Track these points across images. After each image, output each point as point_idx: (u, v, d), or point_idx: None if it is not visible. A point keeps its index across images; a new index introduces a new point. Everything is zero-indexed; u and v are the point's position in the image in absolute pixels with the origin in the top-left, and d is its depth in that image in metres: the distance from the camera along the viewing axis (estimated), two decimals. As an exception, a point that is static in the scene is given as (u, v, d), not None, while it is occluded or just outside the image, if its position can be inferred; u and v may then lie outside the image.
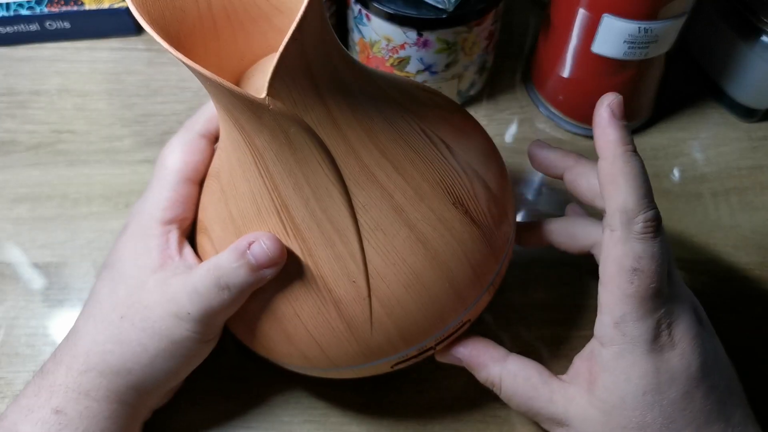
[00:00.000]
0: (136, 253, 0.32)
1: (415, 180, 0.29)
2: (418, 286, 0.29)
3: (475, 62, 0.47)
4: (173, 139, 0.35)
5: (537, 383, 0.31)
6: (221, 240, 0.31)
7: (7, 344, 0.40)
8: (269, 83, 0.24)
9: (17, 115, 0.49)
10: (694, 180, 0.48)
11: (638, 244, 0.29)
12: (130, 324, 0.31)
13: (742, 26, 0.46)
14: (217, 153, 0.32)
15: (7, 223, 0.44)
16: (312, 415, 0.38)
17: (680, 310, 0.30)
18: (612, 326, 0.29)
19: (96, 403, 0.31)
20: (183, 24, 0.27)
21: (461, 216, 0.30)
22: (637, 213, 0.29)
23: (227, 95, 0.25)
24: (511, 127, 0.50)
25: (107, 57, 0.53)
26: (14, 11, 0.51)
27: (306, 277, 0.29)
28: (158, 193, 0.33)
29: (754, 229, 0.45)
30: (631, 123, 0.49)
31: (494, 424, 0.38)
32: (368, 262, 0.28)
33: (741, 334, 0.41)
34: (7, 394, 0.38)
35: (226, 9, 0.29)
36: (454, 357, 0.33)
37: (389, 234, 0.28)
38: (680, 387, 0.29)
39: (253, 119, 0.25)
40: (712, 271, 0.44)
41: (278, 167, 0.27)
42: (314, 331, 0.30)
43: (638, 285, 0.29)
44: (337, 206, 0.28)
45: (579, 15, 0.42)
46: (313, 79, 0.25)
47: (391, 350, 0.31)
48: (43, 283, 0.42)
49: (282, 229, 0.28)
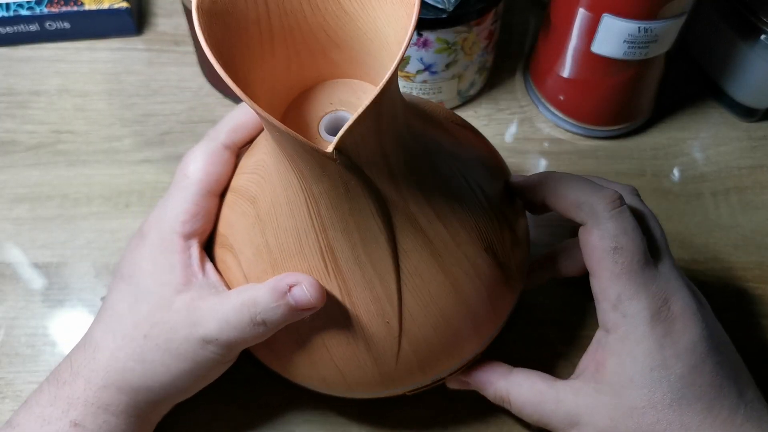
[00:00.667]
0: (156, 267, 0.32)
1: (454, 227, 0.30)
2: (445, 326, 0.30)
3: (475, 62, 0.47)
4: (196, 148, 0.34)
5: (542, 388, 0.32)
6: (252, 265, 0.31)
7: (7, 344, 0.40)
8: (341, 139, 0.23)
9: (17, 115, 0.49)
10: (694, 180, 0.48)
11: (610, 223, 0.30)
12: (154, 344, 0.31)
13: (742, 26, 0.46)
14: (255, 179, 0.30)
15: (7, 223, 0.44)
16: (312, 415, 0.38)
17: (676, 288, 0.30)
18: (611, 310, 0.30)
19: (115, 418, 0.31)
20: (243, 48, 0.27)
21: (490, 261, 0.31)
22: (595, 198, 0.30)
23: (295, 146, 0.25)
24: (511, 126, 0.50)
25: (107, 57, 0.53)
26: (14, 11, 0.51)
27: (341, 315, 0.29)
28: (179, 204, 0.32)
29: (754, 229, 0.45)
30: (631, 123, 0.49)
31: (494, 424, 0.38)
32: (403, 304, 0.29)
33: (741, 333, 0.41)
34: (8, 394, 0.38)
35: (285, 37, 0.29)
36: (463, 382, 0.35)
37: (426, 279, 0.29)
38: (686, 361, 0.29)
39: (317, 169, 0.25)
40: (712, 271, 0.44)
41: (331, 213, 0.27)
42: (339, 362, 0.30)
43: (623, 262, 0.30)
44: (382, 251, 0.28)
45: (579, 15, 0.42)
46: (379, 135, 0.26)
47: (409, 381, 0.32)
48: (43, 283, 0.42)
49: (323, 269, 0.29)
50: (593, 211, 0.30)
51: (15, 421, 0.31)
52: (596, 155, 0.49)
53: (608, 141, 0.49)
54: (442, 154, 0.31)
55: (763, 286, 0.43)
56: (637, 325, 0.30)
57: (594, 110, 0.48)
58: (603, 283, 0.30)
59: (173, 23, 0.55)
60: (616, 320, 0.30)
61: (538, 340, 0.41)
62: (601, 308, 0.31)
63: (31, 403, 0.32)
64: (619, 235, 0.30)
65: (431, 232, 0.29)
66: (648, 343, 0.29)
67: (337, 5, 0.28)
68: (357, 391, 0.32)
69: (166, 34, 0.54)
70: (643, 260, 0.30)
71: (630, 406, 0.29)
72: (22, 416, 0.31)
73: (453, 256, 0.30)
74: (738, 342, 0.32)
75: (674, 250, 0.34)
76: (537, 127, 0.50)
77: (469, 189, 0.31)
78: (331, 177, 0.26)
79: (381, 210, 0.27)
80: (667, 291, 0.30)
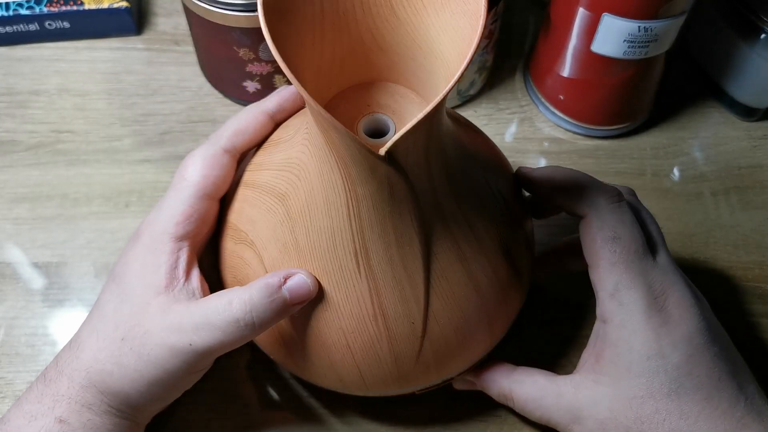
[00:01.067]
0: (144, 268, 0.32)
1: (479, 232, 0.31)
2: (465, 328, 0.31)
3: (474, 61, 0.47)
4: (196, 151, 0.33)
5: (544, 383, 0.32)
6: (276, 261, 0.30)
7: (7, 344, 0.40)
8: (396, 143, 0.24)
9: (17, 115, 0.49)
10: (694, 179, 0.48)
11: (609, 215, 0.31)
12: (129, 348, 0.30)
13: (742, 25, 0.46)
14: (286, 176, 0.30)
15: (7, 223, 0.44)
16: (312, 415, 0.38)
17: (673, 280, 0.31)
18: (608, 299, 0.30)
19: (98, 417, 0.31)
20: (297, 47, 0.27)
21: (508, 265, 0.32)
22: (596, 192, 0.31)
23: (351, 147, 0.25)
24: (511, 126, 0.50)
25: (107, 57, 0.53)
26: (14, 11, 0.51)
27: (368, 314, 0.30)
28: (174, 206, 0.32)
29: (754, 228, 0.45)
30: (631, 122, 0.49)
31: (494, 424, 0.38)
32: (429, 305, 0.30)
33: (741, 332, 0.41)
34: (7, 394, 0.38)
35: (334, 38, 0.29)
36: (469, 382, 0.35)
37: (452, 282, 0.30)
38: (683, 351, 0.29)
39: (366, 171, 0.26)
40: (712, 271, 0.44)
41: (371, 214, 0.28)
42: (361, 362, 0.31)
43: (620, 251, 0.30)
44: (414, 253, 0.29)
45: (579, 14, 0.42)
46: (428, 141, 0.27)
47: (424, 381, 0.32)
48: (43, 283, 0.42)
49: (355, 268, 0.29)
50: (594, 203, 0.31)
51: (5, 417, 0.31)
52: (596, 155, 0.49)
53: (608, 140, 0.49)
54: (472, 159, 0.31)
55: (763, 286, 0.43)
56: (633, 313, 0.30)
57: (594, 110, 0.48)
58: (601, 272, 0.31)
59: (173, 23, 0.54)
60: (613, 309, 0.30)
61: (537, 340, 0.41)
62: (599, 298, 0.31)
63: (21, 400, 0.32)
64: (618, 226, 0.30)
65: (459, 235, 0.30)
66: (645, 332, 0.29)
67: (389, 9, 0.28)
68: (372, 391, 0.33)
69: (166, 33, 0.54)
70: (641, 250, 0.30)
71: (629, 396, 0.30)
72: (12, 412, 0.31)
73: (477, 260, 0.31)
74: (738, 341, 0.32)
75: (674, 250, 0.34)
76: (537, 126, 0.50)
77: (492, 195, 0.32)
78: (379, 179, 0.26)
79: (418, 213, 0.28)
80: (664, 282, 0.30)
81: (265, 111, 0.34)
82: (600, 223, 0.31)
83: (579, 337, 0.41)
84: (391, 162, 0.25)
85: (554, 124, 0.50)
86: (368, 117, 0.31)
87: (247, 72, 0.47)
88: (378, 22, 0.29)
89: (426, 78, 0.30)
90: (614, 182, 0.35)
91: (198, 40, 0.48)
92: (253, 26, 0.43)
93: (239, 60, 0.46)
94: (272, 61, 0.46)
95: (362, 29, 0.29)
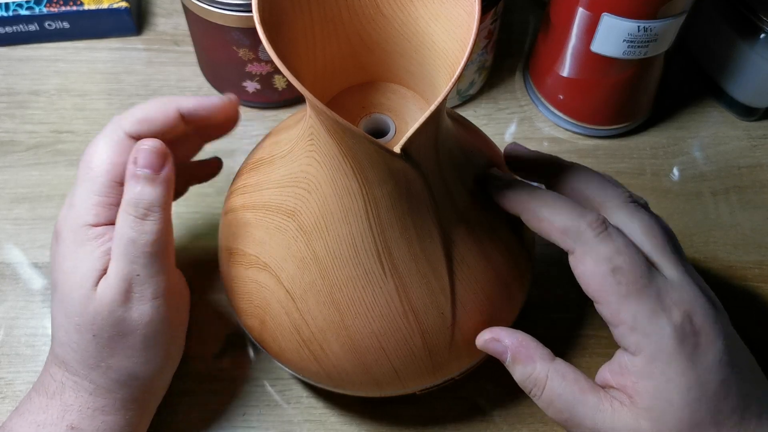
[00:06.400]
0: (75, 262, 0.31)
1: (490, 213, 0.31)
2: (490, 308, 0.31)
3: (474, 61, 0.47)
4: (98, 139, 0.32)
5: (586, 387, 0.30)
6: (296, 279, 0.30)
7: (7, 344, 0.40)
8: (410, 138, 0.24)
9: (17, 115, 0.49)
10: (694, 179, 0.48)
11: (601, 246, 0.28)
12: (105, 340, 0.31)
13: (742, 25, 0.46)
14: (293, 192, 0.30)
15: (7, 223, 0.44)
16: (312, 415, 0.38)
17: (692, 297, 0.29)
18: (630, 333, 0.28)
19: (112, 417, 0.31)
20: (294, 57, 0.27)
21: (517, 241, 0.33)
22: (580, 223, 0.29)
23: (369, 149, 0.25)
24: (510, 126, 0.50)
25: (106, 57, 0.53)
26: (13, 11, 0.51)
27: (398, 312, 0.30)
28: (87, 197, 0.31)
29: (754, 228, 0.45)
30: (631, 122, 0.49)
31: (494, 424, 0.38)
32: (455, 293, 0.30)
33: (741, 332, 0.41)
34: (8, 395, 0.38)
35: (325, 44, 0.29)
36: (499, 344, 0.31)
37: (471, 265, 0.30)
38: (717, 375, 0.28)
39: (384, 170, 0.26)
40: (711, 270, 0.44)
41: (390, 213, 0.28)
42: (395, 360, 0.31)
43: (626, 282, 0.28)
44: (435, 245, 0.29)
45: (578, 14, 0.42)
46: (436, 133, 0.27)
47: (457, 368, 0.33)
48: (43, 283, 0.42)
49: (379, 269, 0.29)
50: (581, 238, 0.29)
51: (7, 426, 0.31)
52: (596, 154, 0.49)
53: (608, 140, 0.49)
54: (472, 148, 0.32)
55: (763, 286, 0.43)
56: (662, 343, 0.28)
57: (594, 109, 0.48)
58: (612, 307, 0.28)
59: (173, 23, 0.55)
60: (639, 342, 0.28)
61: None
62: (618, 333, 0.29)
63: (21, 410, 0.32)
64: (614, 256, 0.28)
65: (472, 219, 0.30)
66: (680, 363, 0.28)
67: (375, 8, 0.29)
68: (409, 387, 0.33)
69: (166, 33, 0.54)
70: (647, 273, 0.28)
71: (672, 429, 0.28)
72: (15, 421, 0.31)
73: (490, 240, 0.31)
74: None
75: (674, 250, 0.34)
76: (537, 126, 0.50)
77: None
78: (396, 177, 0.26)
79: (434, 205, 0.28)
80: (684, 302, 0.28)
81: (178, 107, 0.32)
82: (594, 257, 0.28)
83: (577, 337, 0.41)
84: (407, 158, 0.25)
85: (554, 123, 0.50)
86: (367, 118, 0.31)
87: (246, 72, 0.47)
88: (365, 23, 0.29)
89: (419, 72, 0.30)
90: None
91: (197, 41, 0.48)
92: (253, 26, 0.43)
93: (239, 60, 0.46)
94: (272, 61, 0.46)
95: (350, 32, 0.29)
